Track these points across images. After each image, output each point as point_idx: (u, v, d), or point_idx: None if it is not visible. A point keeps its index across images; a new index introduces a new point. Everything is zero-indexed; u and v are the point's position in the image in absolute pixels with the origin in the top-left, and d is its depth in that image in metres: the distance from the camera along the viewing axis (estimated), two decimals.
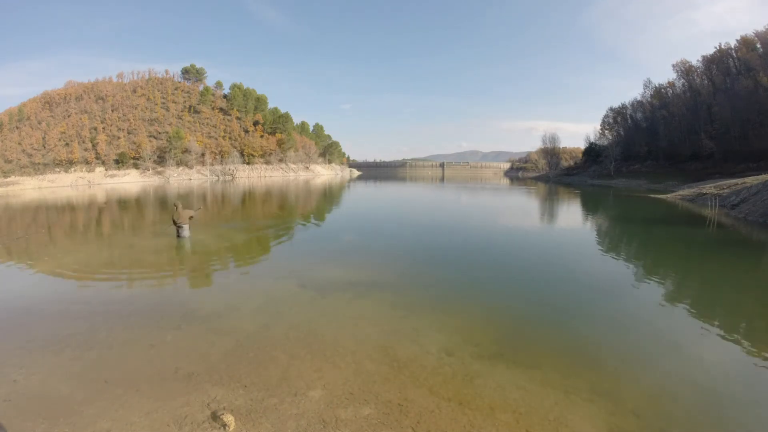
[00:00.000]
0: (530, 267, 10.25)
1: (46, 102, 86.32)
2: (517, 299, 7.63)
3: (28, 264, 10.65)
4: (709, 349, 5.65)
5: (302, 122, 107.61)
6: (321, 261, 10.65)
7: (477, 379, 4.70)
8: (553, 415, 4.00)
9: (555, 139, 79.04)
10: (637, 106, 65.88)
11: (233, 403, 4.16)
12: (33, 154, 70.14)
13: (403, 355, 5.27)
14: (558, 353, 5.35)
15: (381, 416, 3.96)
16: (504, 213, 23.20)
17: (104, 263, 10.68)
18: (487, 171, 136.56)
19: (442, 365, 5.01)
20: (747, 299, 7.96)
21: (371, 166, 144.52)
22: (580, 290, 8.34)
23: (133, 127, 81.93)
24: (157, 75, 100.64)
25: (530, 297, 7.78)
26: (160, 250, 11.98)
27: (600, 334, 6.09)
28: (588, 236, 15.93)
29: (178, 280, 9.12)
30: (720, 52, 52.93)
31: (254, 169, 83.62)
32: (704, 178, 37.32)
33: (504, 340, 5.80)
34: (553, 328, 6.21)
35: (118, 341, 5.76)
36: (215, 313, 6.81)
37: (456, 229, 16.59)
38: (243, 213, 24.10)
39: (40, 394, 4.41)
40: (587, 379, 4.67)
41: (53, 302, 7.44)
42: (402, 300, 7.43)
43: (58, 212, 25.98)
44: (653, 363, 5.16)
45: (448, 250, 12.15)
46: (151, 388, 4.47)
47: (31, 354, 5.45)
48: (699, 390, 4.55)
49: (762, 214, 17.23)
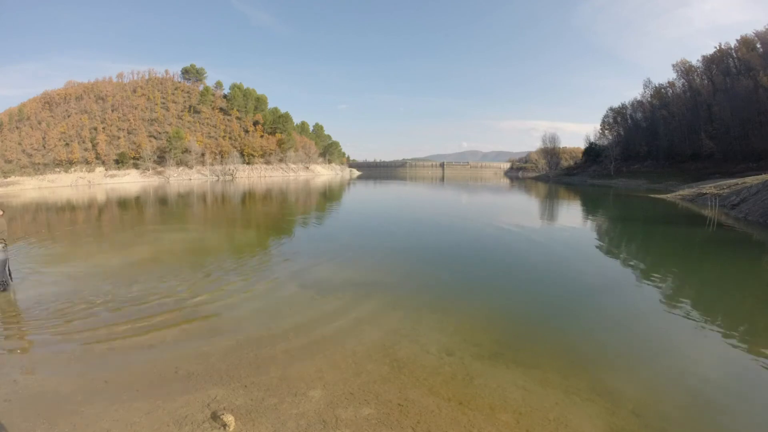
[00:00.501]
0: (530, 267, 10.25)
1: (46, 102, 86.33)
2: (517, 299, 7.63)
3: (29, 264, 10.65)
4: (709, 349, 5.65)
5: (302, 122, 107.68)
6: (321, 261, 10.64)
7: (477, 379, 4.70)
8: (553, 415, 4.00)
9: (555, 139, 79.11)
10: (637, 106, 65.89)
11: (233, 403, 4.15)
12: (33, 154, 70.16)
13: (403, 355, 5.27)
14: (558, 353, 5.35)
15: (381, 416, 3.96)
16: (504, 213, 23.20)
17: (105, 263, 10.68)
18: (487, 171, 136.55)
19: (442, 365, 5.01)
20: (747, 299, 7.97)
21: (371, 166, 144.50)
22: (580, 290, 8.34)
23: (133, 127, 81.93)
24: (157, 75, 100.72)
25: (530, 297, 7.78)
26: (160, 251, 11.97)
27: (600, 334, 6.09)
28: (588, 236, 15.93)
29: (179, 280, 9.12)
30: (720, 52, 52.94)
31: (254, 169, 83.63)
32: (704, 178, 37.32)
33: (504, 340, 5.79)
34: (554, 328, 6.21)
35: (118, 341, 5.76)
36: (215, 313, 6.82)
37: (456, 228, 16.59)
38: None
39: (40, 394, 4.41)
40: (587, 379, 4.67)
41: (53, 302, 7.44)
42: (402, 300, 7.44)
43: (59, 212, 25.99)
44: (653, 363, 5.16)
45: (448, 250, 12.15)
46: (151, 388, 4.47)
47: (31, 354, 5.46)
48: (699, 390, 4.55)
49: (762, 214, 17.23)
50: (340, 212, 24.59)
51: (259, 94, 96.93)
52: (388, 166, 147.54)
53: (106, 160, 74.16)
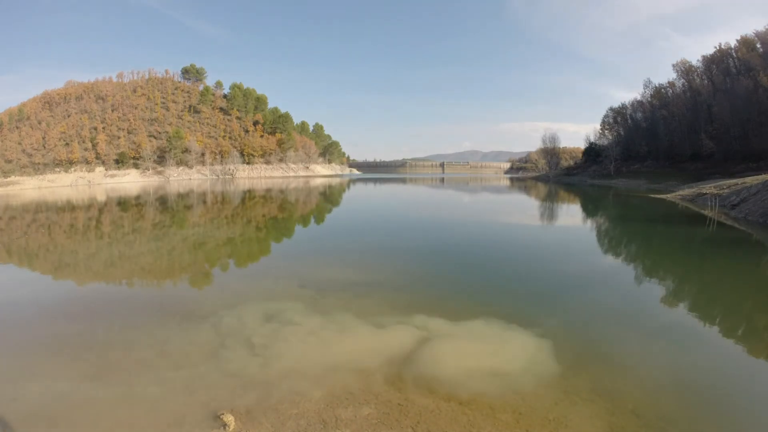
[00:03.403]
0: (530, 267, 10.24)
1: (46, 102, 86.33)
2: (517, 299, 7.62)
3: (28, 264, 10.65)
4: (709, 348, 5.65)
5: (302, 122, 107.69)
6: (321, 261, 10.64)
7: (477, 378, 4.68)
8: (553, 415, 4.00)
9: (555, 139, 78.99)
10: (637, 106, 65.81)
11: (233, 403, 4.15)
12: (33, 154, 70.16)
13: (403, 354, 5.26)
14: (558, 353, 5.35)
15: (381, 416, 3.96)
16: (504, 213, 23.20)
17: (104, 263, 10.68)
18: (487, 171, 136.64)
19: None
20: (747, 299, 7.96)
21: (371, 166, 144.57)
22: (580, 290, 8.34)
23: (133, 127, 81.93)
24: (157, 75, 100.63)
25: (530, 297, 7.78)
26: (160, 251, 11.97)
27: (600, 333, 6.09)
28: (588, 236, 15.93)
29: (178, 280, 9.12)
30: (720, 52, 52.91)
31: (254, 168, 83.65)
32: (704, 178, 37.27)
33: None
34: (554, 328, 6.20)
35: (117, 341, 5.76)
36: (215, 313, 6.81)
37: (456, 228, 16.59)
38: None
39: (41, 394, 4.41)
40: (587, 379, 4.67)
41: (53, 301, 7.44)
42: (402, 299, 7.43)
43: (58, 212, 25.98)
44: (653, 363, 5.15)
45: (449, 250, 12.15)
46: (150, 388, 4.47)
47: (32, 354, 5.45)
48: (699, 390, 4.55)
49: (762, 214, 17.23)
50: (340, 212, 24.57)
51: (259, 94, 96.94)
52: (388, 165, 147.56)
53: (106, 160, 74.18)
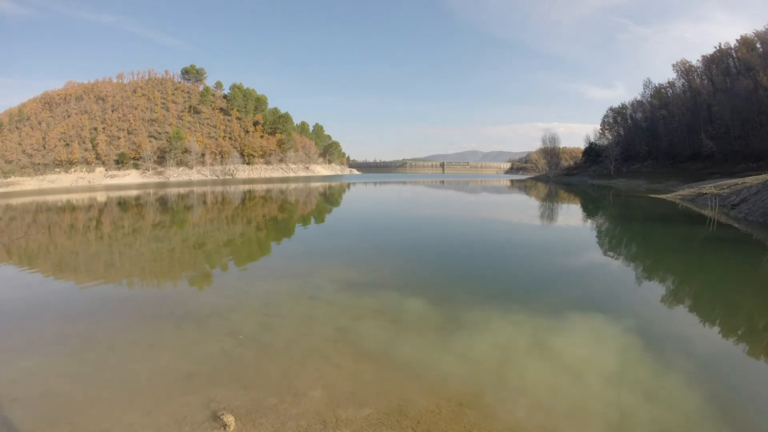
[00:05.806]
0: (530, 267, 10.24)
1: (46, 102, 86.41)
2: (517, 299, 7.62)
3: (28, 264, 10.65)
4: (709, 348, 5.65)
5: (302, 122, 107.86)
6: (321, 261, 10.64)
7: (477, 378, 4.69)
8: (553, 414, 4.00)
9: (555, 139, 78.93)
10: (637, 106, 65.82)
11: (233, 403, 4.15)
12: (33, 154, 70.22)
13: (404, 354, 5.26)
14: (558, 352, 5.35)
15: (381, 416, 3.96)
16: (504, 213, 23.19)
17: (104, 263, 10.68)
18: (487, 171, 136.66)
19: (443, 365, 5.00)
20: (747, 299, 7.96)
21: (371, 166, 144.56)
22: (580, 290, 8.33)
23: (133, 127, 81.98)
24: (157, 75, 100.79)
25: (530, 297, 7.77)
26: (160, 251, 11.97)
27: (600, 333, 6.08)
28: (587, 236, 15.93)
29: (178, 280, 9.12)
30: (720, 51, 52.90)
31: (254, 169, 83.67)
32: (704, 178, 37.27)
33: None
34: (554, 328, 6.20)
35: (117, 341, 5.76)
36: (215, 313, 6.81)
37: (456, 228, 16.59)
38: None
39: (41, 394, 4.41)
40: (587, 379, 4.67)
41: (53, 302, 7.44)
42: (402, 299, 7.43)
43: (58, 213, 25.98)
44: (653, 362, 5.15)
45: (449, 250, 12.14)
46: (151, 388, 4.47)
47: (32, 354, 5.45)
48: (699, 390, 4.55)
49: (762, 213, 17.23)
50: (339, 213, 24.58)
51: (259, 95, 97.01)
52: (388, 166, 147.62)
53: (106, 160, 74.24)
